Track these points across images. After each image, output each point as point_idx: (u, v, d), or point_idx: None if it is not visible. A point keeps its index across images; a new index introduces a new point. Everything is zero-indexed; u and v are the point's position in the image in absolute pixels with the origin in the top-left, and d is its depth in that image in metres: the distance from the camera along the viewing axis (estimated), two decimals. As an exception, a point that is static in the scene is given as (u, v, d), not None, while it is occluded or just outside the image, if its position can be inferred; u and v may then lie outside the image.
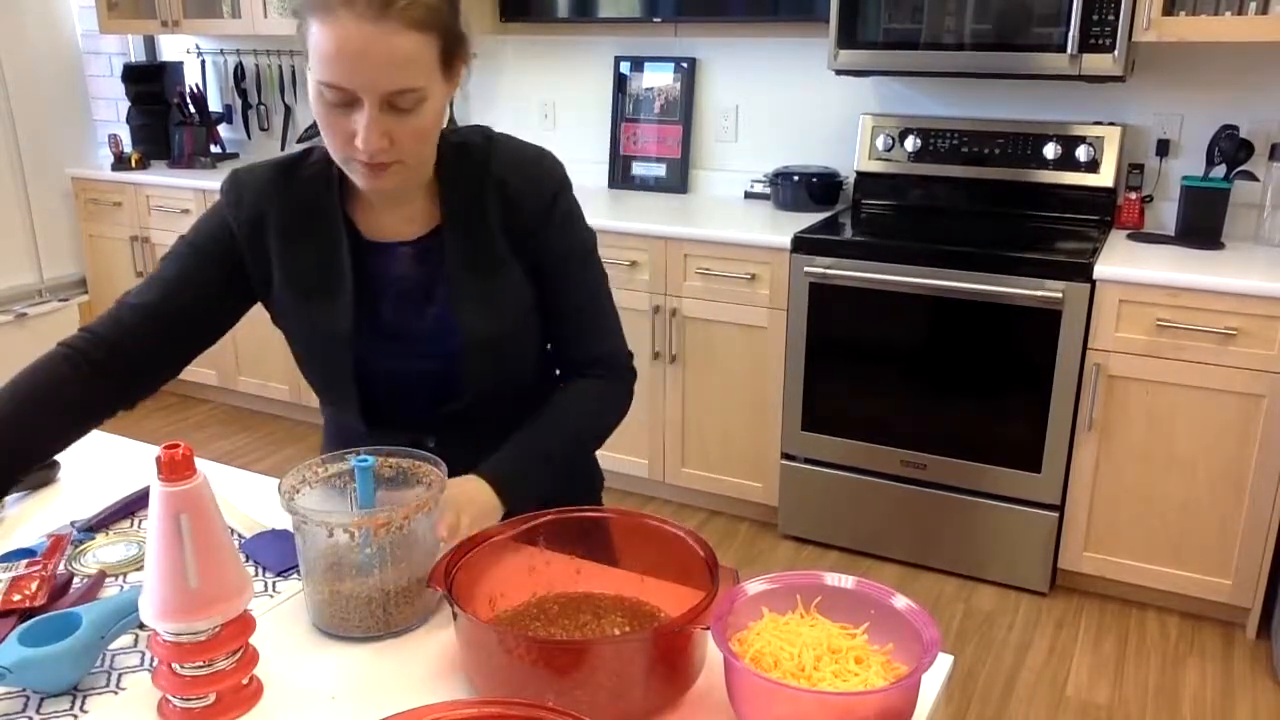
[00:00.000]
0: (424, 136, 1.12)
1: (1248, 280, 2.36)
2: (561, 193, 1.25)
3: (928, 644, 0.84)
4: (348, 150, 1.10)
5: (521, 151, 1.26)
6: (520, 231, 1.23)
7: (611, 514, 1.07)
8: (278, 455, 3.70)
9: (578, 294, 1.28)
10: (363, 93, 1.05)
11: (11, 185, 4.09)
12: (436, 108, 1.11)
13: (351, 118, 1.07)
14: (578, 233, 1.28)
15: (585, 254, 1.29)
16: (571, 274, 1.27)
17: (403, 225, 1.23)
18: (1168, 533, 2.57)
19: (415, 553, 1.03)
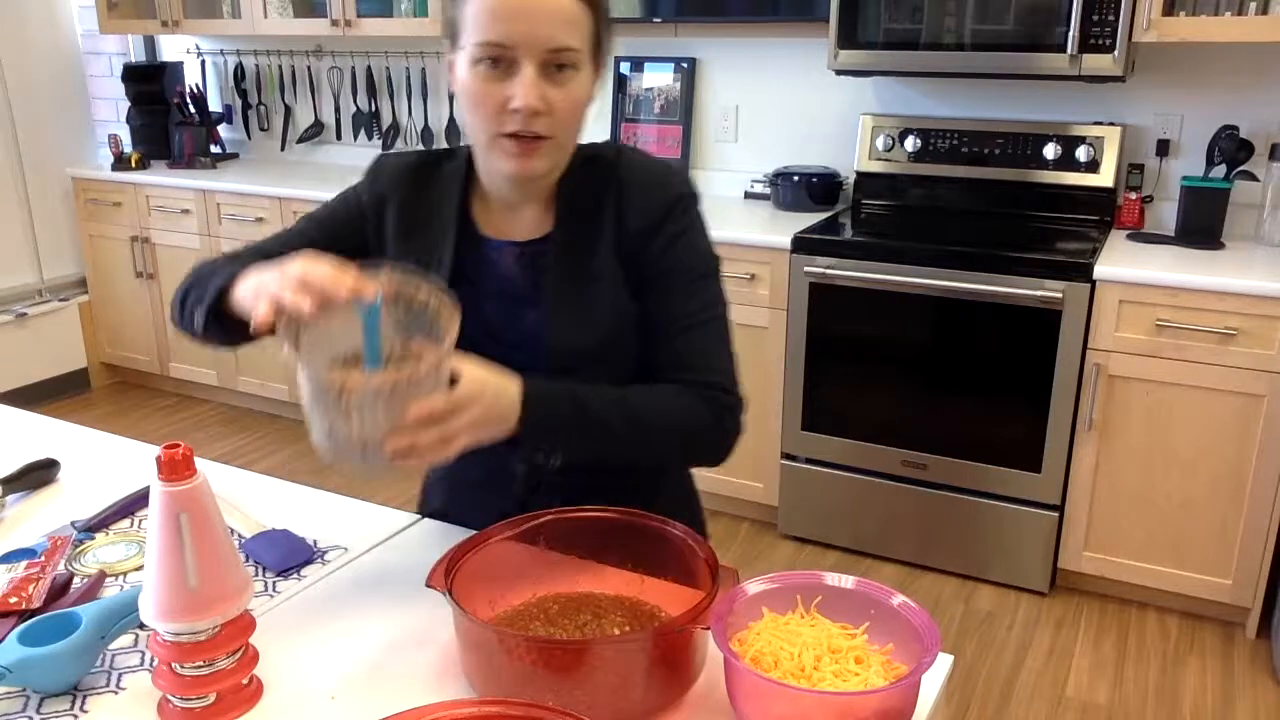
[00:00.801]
0: (576, 109, 1.11)
1: (1248, 280, 2.36)
2: (679, 207, 1.20)
3: (928, 644, 0.84)
4: (500, 120, 1.09)
5: (647, 162, 1.23)
6: (630, 242, 1.18)
7: (612, 514, 1.07)
8: (278, 455, 3.70)
9: (679, 314, 1.19)
10: (523, 49, 1.06)
11: (11, 185, 4.09)
12: (586, 86, 1.12)
13: (507, 83, 1.07)
14: (692, 251, 1.20)
15: (696, 275, 1.20)
16: (674, 290, 1.19)
17: (518, 227, 1.21)
18: (1168, 533, 2.57)
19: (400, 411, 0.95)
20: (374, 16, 3.57)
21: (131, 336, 4.21)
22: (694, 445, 1.19)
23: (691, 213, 1.22)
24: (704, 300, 1.20)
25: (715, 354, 1.20)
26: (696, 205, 1.23)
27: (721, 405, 1.18)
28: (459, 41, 1.10)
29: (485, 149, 1.14)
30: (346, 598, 1.11)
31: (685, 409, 1.16)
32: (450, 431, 0.97)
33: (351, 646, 1.02)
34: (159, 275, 4.04)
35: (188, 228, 3.89)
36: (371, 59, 3.97)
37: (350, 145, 4.15)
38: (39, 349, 4.14)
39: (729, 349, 1.21)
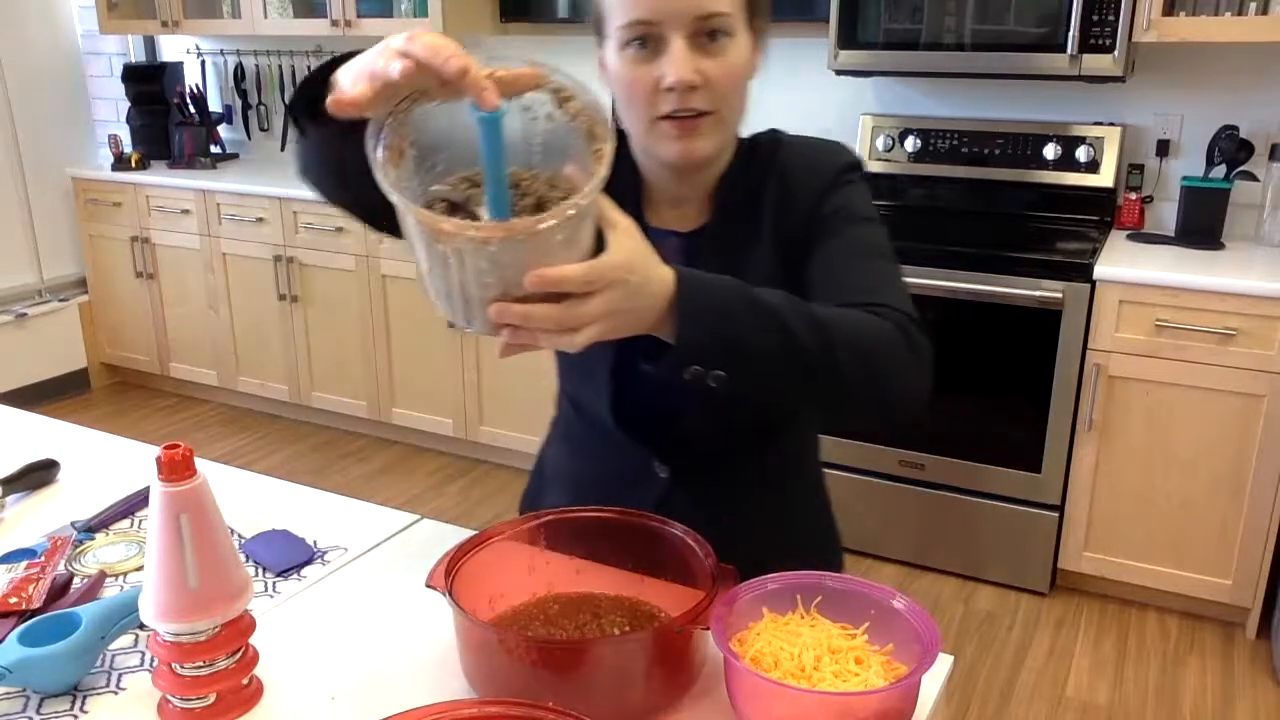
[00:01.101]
0: (736, 78, 1.04)
1: (1248, 280, 2.36)
2: (843, 176, 1.12)
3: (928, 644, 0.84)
4: (654, 103, 1.03)
5: (808, 140, 1.16)
6: (792, 223, 1.10)
7: (611, 514, 1.07)
8: (278, 455, 3.70)
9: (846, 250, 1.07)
10: (669, 21, 1.00)
11: (11, 185, 4.09)
12: (744, 54, 1.04)
13: (657, 63, 1.01)
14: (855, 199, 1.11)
15: (860, 218, 1.10)
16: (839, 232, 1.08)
17: (680, 217, 1.15)
18: (1168, 533, 2.57)
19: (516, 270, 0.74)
20: (374, 16, 3.57)
21: (131, 336, 4.21)
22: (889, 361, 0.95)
23: (854, 177, 1.14)
24: (870, 241, 1.10)
25: (889, 285, 1.04)
26: (860, 172, 1.15)
27: (905, 325, 0.98)
28: (605, 31, 1.05)
29: (645, 137, 1.07)
30: (346, 598, 1.11)
31: (871, 321, 0.95)
32: (578, 315, 0.77)
33: (351, 646, 1.02)
34: (159, 275, 4.04)
35: (188, 228, 3.89)
36: (371, 59, 3.96)
37: (350, 145, 4.14)
38: (39, 349, 4.14)
39: (904, 288, 1.05)
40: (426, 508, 3.24)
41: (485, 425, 3.50)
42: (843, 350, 0.90)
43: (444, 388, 3.54)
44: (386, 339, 3.60)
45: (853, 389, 0.92)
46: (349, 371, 3.71)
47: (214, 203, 3.79)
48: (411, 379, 3.60)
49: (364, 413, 3.73)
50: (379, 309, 3.57)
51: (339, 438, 3.85)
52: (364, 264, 3.54)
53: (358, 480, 3.50)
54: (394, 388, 3.64)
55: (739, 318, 0.87)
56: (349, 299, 3.62)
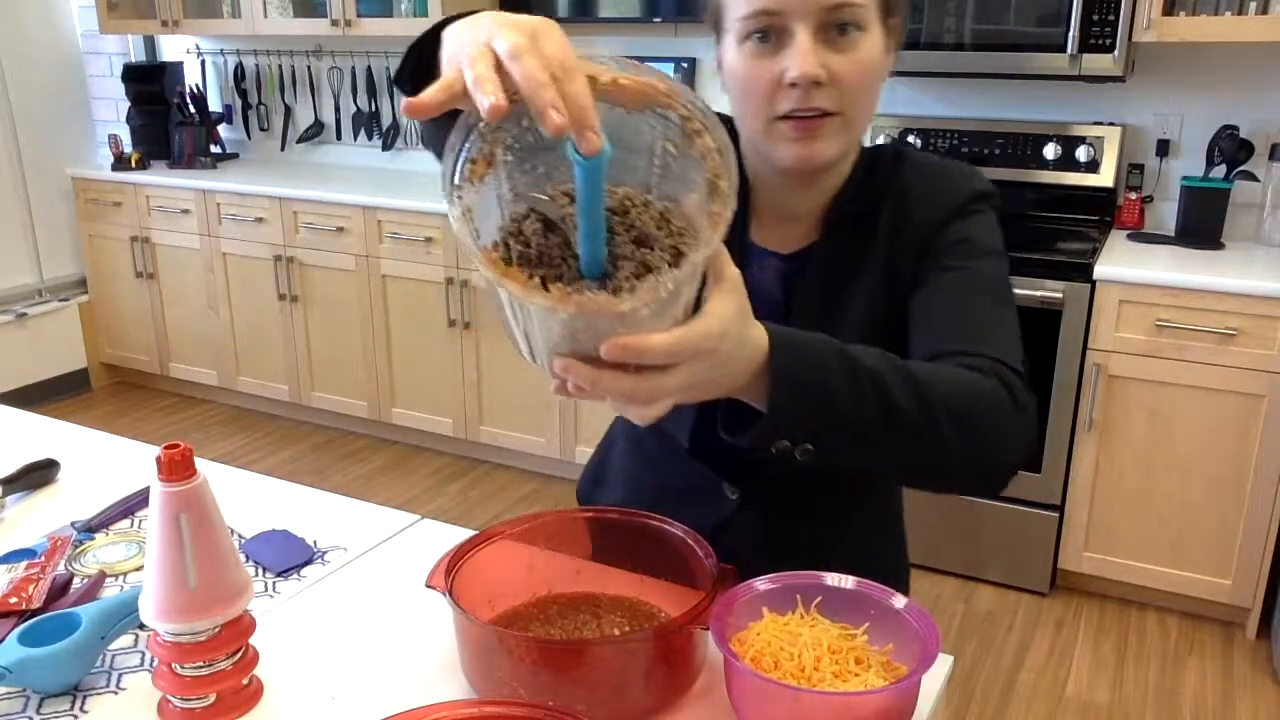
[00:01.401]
0: (865, 76, 0.96)
1: (1248, 280, 2.36)
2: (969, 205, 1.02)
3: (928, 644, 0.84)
4: (774, 101, 0.95)
5: (935, 161, 1.07)
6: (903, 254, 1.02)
7: (611, 514, 1.07)
8: (278, 455, 3.70)
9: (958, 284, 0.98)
10: (794, 11, 0.92)
11: (11, 185, 4.09)
12: (876, 48, 0.96)
13: (779, 57, 0.93)
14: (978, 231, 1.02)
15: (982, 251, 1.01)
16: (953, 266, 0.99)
17: (788, 238, 1.07)
18: (1168, 533, 2.57)
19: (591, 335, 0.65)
20: (374, 16, 3.57)
21: (131, 336, 4.21)
22: (995, 431, 0.86)
23: (985, 213, 1.04)
24: (989, 277, 0.99)
25: (999, 331, 0.94)
26: (990, 203, 1.05)
27: (1011, 383, 0.88)
28: (724, 25, 0.98)
29: (761, 139, 0.99)
30: (346, 598, 1.11)
31: (974, 380, 0.87)
32: (654, 389, 0.68)
33: (351, 646, 1.02)
34: (159, 275, 4.04)
35: (188, 228, 3.89)
36: (371, 59, 3.97)
37: (350, 145, 4.15)
38: (39, 349, 4.14)
39: (1016, 335, 0.95)
40: (426, 508, 3.25)
41: (485, 425, 3.50)
42: (946, 421, 0.82)
43: (444, 388, 3.54)
44: (386, 339, 3.60)
45: (953, 461, 0.84)
46: (349, 371, 3.71)
47: (214, 203, 3.80)
48: (411, 379, 3.60)
49: (364, 413, 3.73)
50: (379, 309, 3.57)
51: (339, 438, 3.85)
52: (364, 264, 3.54)
53: (358, 480, 3.50)
54: (394, 388, 3.64)
55: (837, 389, 0.78)
56: (349, 299, 3.62)
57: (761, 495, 1.11)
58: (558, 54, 0.62)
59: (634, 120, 0.67)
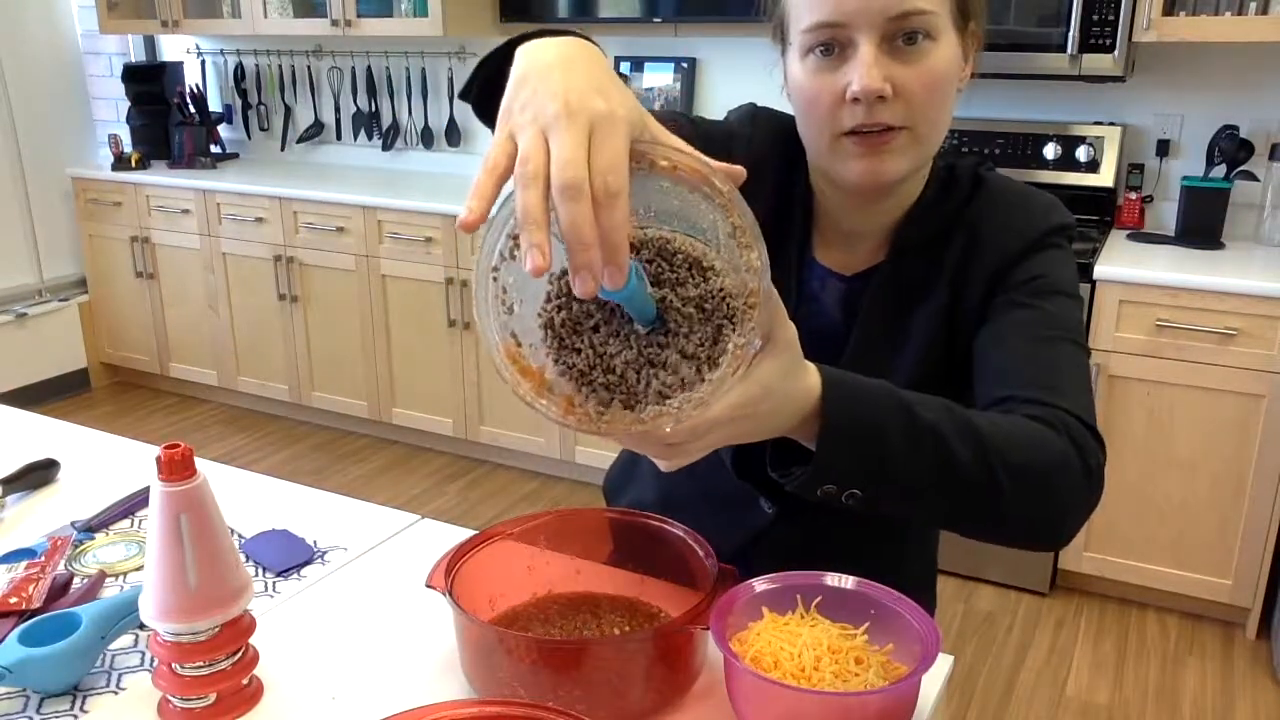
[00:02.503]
0: (935, 88, 0.91)
1: (1248, 280, 2.36)
2: (1048, 241, 0.97)
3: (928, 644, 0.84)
4: (838, 116, 0.91)
5: (1015, 188, 1.02)
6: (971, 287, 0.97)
7: (611, 514, 1.07)
8: (278, 455, 3.70)
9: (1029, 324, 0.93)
10: (857, 21, 0.88)
11: (11, 185, 4.09)
12: (949, 57, 0.92)
13: (843, 70, 0.89)
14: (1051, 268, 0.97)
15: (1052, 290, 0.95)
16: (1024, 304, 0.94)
17: (851, 258, 1.03)
18: (1168, 533, 2.57)
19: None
20: (374, 16, 3.57)
21: (131, 336, 4.21)
22: (1056, 489, 0.82)
23: (1063, 250, 0.99)
24: (1062, 319, 0.94)
25: (1069, 378, 0.90)
26: (1067, 236, 1.00)
27: (1081, 439, 0.84)
28: (788, 38, 0.94)
29: (825, 156, 0.95)
30: (346, 598, 1.11)
31: (1042, 436, 0.83)
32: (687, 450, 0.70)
33: (351, 646, 1.02)
34: (159, 275, 4.04)
35: (188, 228, 3.89)
36: (371, 59, 3.97)
37: (350, 145, 4.15)
38: (39, 349, 4.14)
39: (1088, 383, 0.91)
40: (426, 508, 3.25)
41: (485, 425, 3.50)
42: (1007, 481, 0.78)
43: (444, 388, 3.54)
44: (386, 339, 3.60)
45: (1011, 520, 0.82)
46: (349, 371, 3.71)
47: (214, 202, 3.80)
48: (411, 379, 3.60)
49: (364, 413, 3.73)
50: (379, 309, 3.57)
51: (339, 438, 3.85)
52: (364, 264, 3.54)
53: (358, 480, 3.50)
54: (394, 388, 3.64)
55: (891, 442, 0.76)
56: (349, 299, 3.62)
57: (798, 510, 1.06)
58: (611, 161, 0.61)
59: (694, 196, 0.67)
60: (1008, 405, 0.87)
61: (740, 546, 0.97)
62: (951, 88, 0.94)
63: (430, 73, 3.88)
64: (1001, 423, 0.83)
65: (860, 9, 0.87)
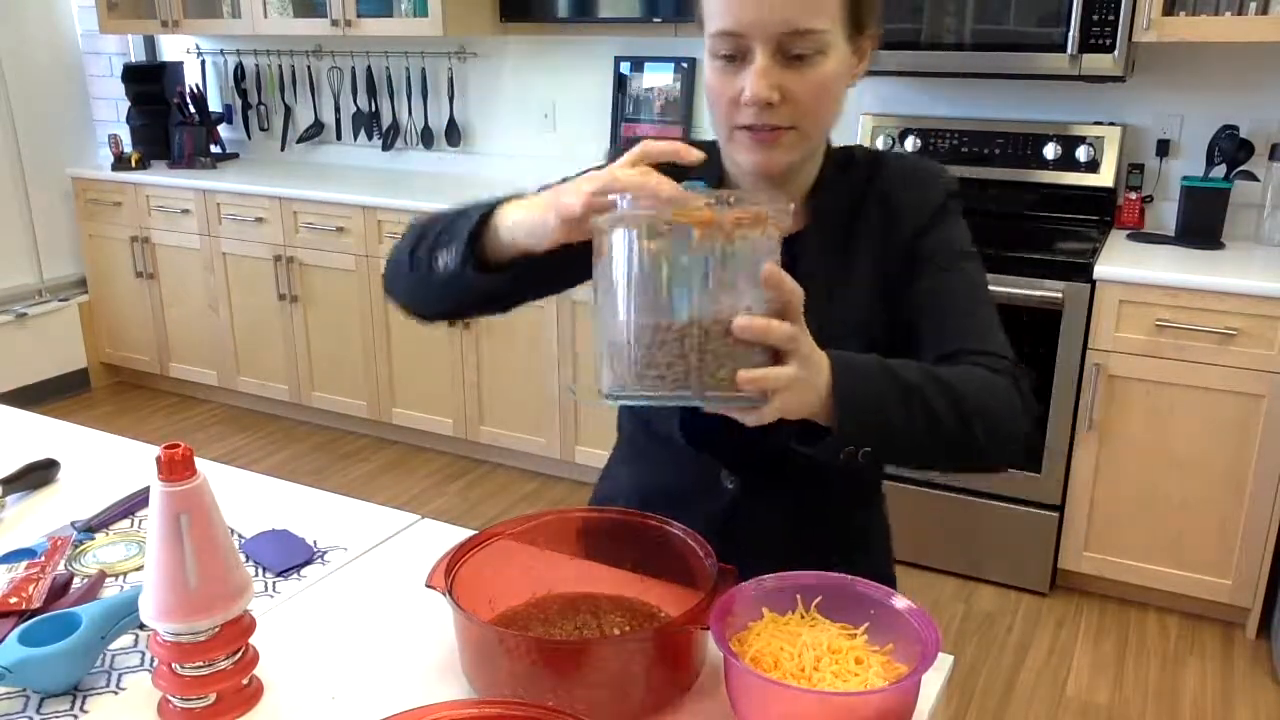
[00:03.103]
0: (821, 95, 1.01)
1: (1248, 280, 2.36)
2: (947, 206, 1.13)
3: (928, 644, 0.84)
4: (733, 115, 1.02)
5: (908, 162, 1.16)
6: (894, 245, 1.11)
7: (612, 514, 1.07)
8: (278, 455, 3.70)
9: (950, 290, 1.10)
10: (754, 34, 0.98)
11: (11, 185, 4.09)
12: (836, 68, 1.01)
13: (741, 74, 1.00)
14: (957, 235, 1.13)
15: (963, 256, 1.12)
16: (942, 270, 1.10)
17: None
18: (1168, 533, 2.57)
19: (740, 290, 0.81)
20: (374, 16, 3.57)
21: (131, 336, 4.21)
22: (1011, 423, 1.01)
23: (956, 207, 1.14)
24: (973, 281, 1.12)
25: (991, 329, 1.08)
26: (959, 199, 1.15)
27: (1017, 377, 1.04)
28: (705, 32, 1.05)
29: (727, 145, 1.07)
30: (346, 598, 1.11)
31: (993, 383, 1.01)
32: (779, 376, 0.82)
33: (351, 646, 1.02)
34: (159, 275, 4.04)
35: (188, 228, 3.89)
36: (371, 59, 3.97)
37: (350, 145, 4.15)
38: (39, 349, 4.14)
39: (997, 323, 1.10)
40: (426, 508, 3.25)
41: (485, 425, 3.50)
42: (977, 421, 0.97)
43: (444, 388, 3.54)
44: (386, 339, 3.60)
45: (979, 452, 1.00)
46: (349, 371, 3.71)
47: (214, 202, 3.80)
48: (411, 379, 3.60)
49: (364, 413, 3.73)
50: (379, 309, 3.57)
51: (339, 438, 3.85)
52: (364, 264, 3.54)
53: (358, 480, 3.50)
54: (394, 388, 3.64)
55: (890, 406, 0.93)
56: (349, 299, 3.62)
57: (759, 485, 1.15)
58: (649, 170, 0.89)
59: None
60: (956, 359, 1.04)
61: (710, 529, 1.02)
62: (839, 91, 1.05)
63: (430, 73, 3.88)
64: (959, 373, 1.00)
65: (757, 23, 0.97)
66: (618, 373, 0.83)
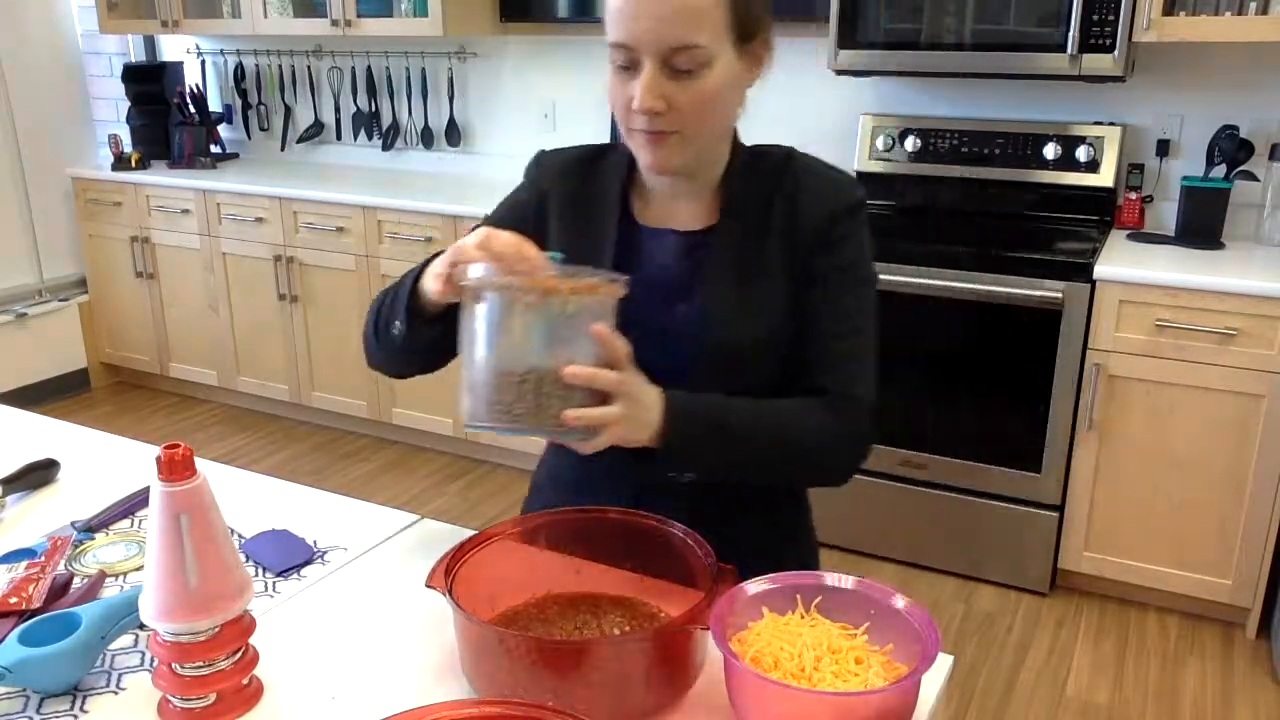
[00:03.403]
0: (705, 105, 1.08)
1: (1248, 280, 2.36)
2: (848, 218, 1.18)
3: (928, 644, 0.84)
4: (628, 119, 1.10)
5: (820, 168, 1.22)
6: (803, 242, 1.17)
7: (612, 514, 1.07)
8: (278, 455, 3.70)
9: (837, 316, 1.17)
10: (642, 48, 1.05)
11: (11, 185, 4.09)
12: (722, 78, 1.08)
13: (633, 83, 1.07)
14: (857, 256, 1.19)
15: (857, 280, 1.19)
16: (836, 293, 1.17)
17: (681, 216, 1.21)
18: (1168, 533, 2.57)
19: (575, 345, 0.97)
20: (374, 16, 3.57)
21: (131, 336, 4.21)
22: (826, 466, 1.18)
23: (860, 219, 1.20)
24: (860, 307, 1.19)
25: (861, 364, 1.18)
26: (866, 213, 1.21)
27: (857, 422, 1.16)
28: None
29: (627, 142, 1.16)
30: (346, 598, 1.11)
31: (821, 428, 1.14)
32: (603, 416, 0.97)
33: (351, 646, 1.02)
34: (159, 275, 4.04)
35: (188, 228, 3.89)
36: (371, 59, 3.97)
37: (350, 145, 4.15)
38: (39, 349, 4.14)
39: (873, 360, 1.19)
40: (426, 508, 3.25)
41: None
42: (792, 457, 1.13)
43: (444, 388, 3.53)
44: (386, 339, 3.59)
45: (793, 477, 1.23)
46: (349, 371, 3.71)
47: (214, 203, 3.80)
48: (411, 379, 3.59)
49: (364, 413, 3.73)
50: (379, 309, 3.57)
51: (339, 438, 3.85)
52: (364, 264, 3.54)
53: (358, 480, 3.50)
54: (394, 388, 3.64)
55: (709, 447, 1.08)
56: (349, 299, 3.62)
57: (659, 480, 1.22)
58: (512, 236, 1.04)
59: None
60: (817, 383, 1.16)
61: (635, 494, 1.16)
62: (728, 97, 1.12)
63: (430, 73, 3.88)
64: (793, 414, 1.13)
65: (645, 38, 1.05)
66: (473, 404, 1.00)
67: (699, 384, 1.12)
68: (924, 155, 3.07)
